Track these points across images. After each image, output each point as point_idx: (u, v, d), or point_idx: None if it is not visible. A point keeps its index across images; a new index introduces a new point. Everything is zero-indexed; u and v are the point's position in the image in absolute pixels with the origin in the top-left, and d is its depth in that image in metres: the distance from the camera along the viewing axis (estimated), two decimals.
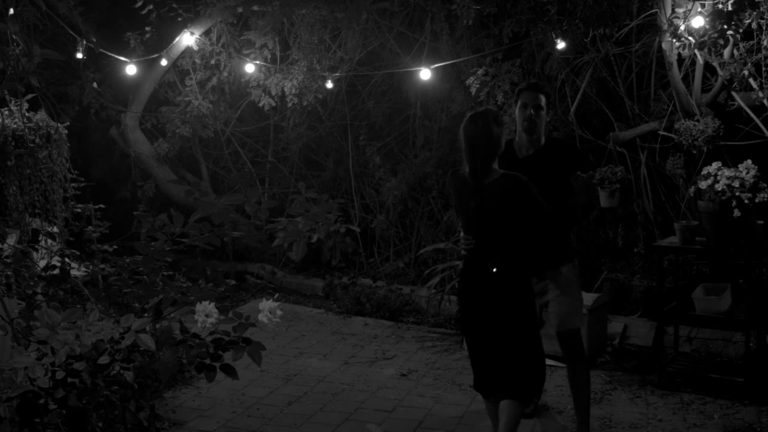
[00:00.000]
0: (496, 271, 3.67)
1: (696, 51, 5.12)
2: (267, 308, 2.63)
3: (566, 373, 5.22)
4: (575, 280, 4.15)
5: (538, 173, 3.85)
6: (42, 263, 3.48)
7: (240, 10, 6.97)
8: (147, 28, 7.07)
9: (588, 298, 5.51)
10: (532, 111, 3.99)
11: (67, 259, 3.72)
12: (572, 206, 3.90)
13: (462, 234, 3.82)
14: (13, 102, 4.98)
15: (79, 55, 6.21)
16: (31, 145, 4.92)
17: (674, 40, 5.09)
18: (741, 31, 4.90)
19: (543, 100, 4.04)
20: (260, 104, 7.28)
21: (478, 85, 6.55)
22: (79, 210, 5.13)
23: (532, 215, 3.67)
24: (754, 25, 4.83)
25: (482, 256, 3.71)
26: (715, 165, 4.68)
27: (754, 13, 4.77)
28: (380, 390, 4.96)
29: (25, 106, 4.92)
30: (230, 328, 2.67)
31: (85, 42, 5.69)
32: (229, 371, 2.67)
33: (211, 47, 7.16)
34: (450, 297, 6.07)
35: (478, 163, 3.64)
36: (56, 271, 3.25)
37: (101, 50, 6.33)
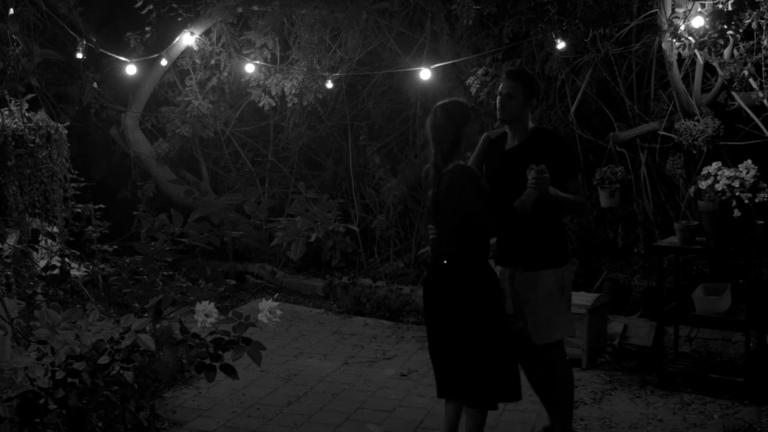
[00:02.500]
0: (447, 263, 3.62)
1: (696, 51, 5.12)
2: (267, 308, 2.63)
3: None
4: (559, 289, 3.84)
5: (520, 166, 3.73)
6: (42, 263, 3.47)
7: (240, 10, 6.97)
8: (147, 28, 7.07)
9: (588, 298, 5.51)
10: (499, 98, 3.90)
11: (67, 259, 3.72)
12: (518, 205, 3.64)
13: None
14: (13, 102, 4.97)
15: (79, 55, 6.20)
16: (31, 145, 4.92)
17: (674, 40, 5.09)
18: (741, 31, 4.90)
19: (516, 88, 3.86)
20: (260, 104, 7.28)
21: (478, 85, 6.55)
22: (79, 210, 5.12)
23: (470, 210, 3.55)
24: (754, 25, 4.83)
25: (439, 248, 3.69)
26: (715, 165, 4.68)
27: (754, 13, 4.77)
28: (380, 390, 4.96)
29: (25, 106, 4.91)
30: (230, 328, 2.67)
31: (85, 42, 5.68)
32: (229, 371, 2.67)
33: (211, 47, 7.16)
34: None
35: (437, 153, 3.63)
36: (56, 271, 3.25)
37: (101, 50, 6.32)
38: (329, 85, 7.05)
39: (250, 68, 7.08)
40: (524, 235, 3.82)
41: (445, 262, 3.63)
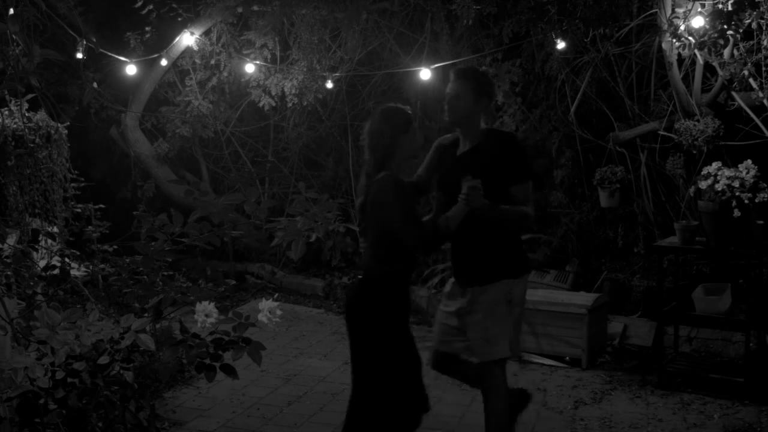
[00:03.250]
0: (361, 278, 3.40)
1: (696, 51, 5.12)
2: (267, 308, 2.63)
3: (565, 373, 5.23)
4: (507, 302, 3.54)
5: (471, 172, 3.44)
6: (42, 263, 3.47)
7: (240, 10, 6.97)
8: (147, 28, 7.07)
9: (588, 298, 5.52)
10: (446, 99, 3.64)
11: (67, 259, 3.72)
12: (443, 221, 3.42)
13: None
14: (13, 102, 4.98)
15: (79, 55, 6.20)
16: (31, 145, 4.92)
17: (674, 40, 5.09)
18: (741, 31, 4.90)
19: (463, 87, 3.58)
20: (260, 104, 7.28)
21: None
22: (79, 210, 5.12)
23: (391, 223, 3.30)
24: (754, 25, 4.83)
25: (360, 261, 3.49)
26: (715, 165, 4.68)
27: (754, 13, 4.77)
28: None
29: (25, 106, 4.91)
30: (230, 328, 2.67)
31: (85, 42, 5.68)
32: (229, 371, 2.67)
33: (211, 47, 7.16)
34: None
35: (370, 160, 3.43)
36: (56, 271, 3.25)
37: (101, 50, 6.32)
38: (329, 85, 7.05)
39: (250, 68, 7.08)
40: (472, 248, 3.59)
41: (360, 277, 3.42)
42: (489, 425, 3.60)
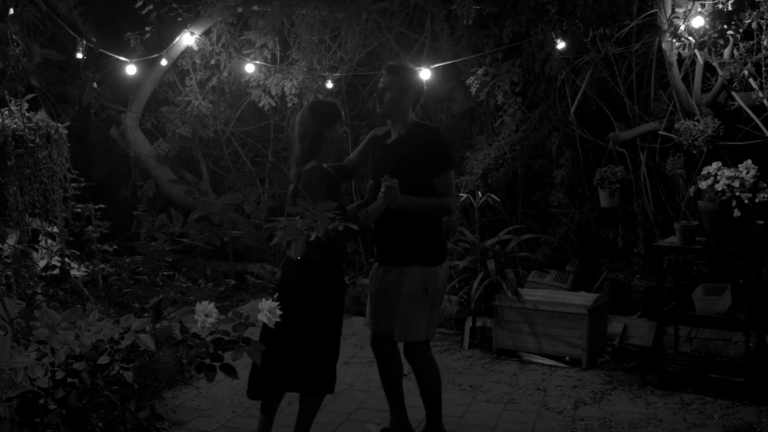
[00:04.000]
0: (295, 262, 3.61)
1: (696, 51, 5.12)
2: (267, 308, 2.62)
3: (565, 373, 5.23)
4: (423, 289, 3.81)
5: (393, 162, 3.79)
6: (42, 263, 3.47)
7: (240, 10, 6.97)
8: (147, 28, 7.06)
9: (588, 298, 5.52)
10: (377, 92, 3.94)
11: (67, 259, 3.72)
12: (362, 215, 3.66)
13: None
14: (13, 102, 4.98)
15: (79, 55, 6.20)
16: (31, 145, 4.92)
17: (674, 40, 5.09)
18: (741, 31, 4.90)
19: (392, 81, 3.86)
20: (260, 104, 7.28)
21: (478, 85, 6.56)
22: (79, 210, 5.12)
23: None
24: (754, 25, 4.83)
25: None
26: (715, 165, 4.68)
27: (754, 13, 4.77)
28: (380, 390, 4.95)
29: (25, 106, 4.91)
30: (230, 327, 2.66)
31: (85, 42, 5.68)
32: (229, 371, 2.67)
33: (211, 47, 7.16)
34: (450, 297, 6.08)
35: (299, 150, 3.71)
36: (56, 271, 3.25)
37: (101, 50, 6.32)
38: (329, 85, 7.05)
39: (250, 68, 7.08)
40: (392, 232, 3.87)
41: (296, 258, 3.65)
42: (424, 396, 4.03)
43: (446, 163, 3.86)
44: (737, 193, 4.50)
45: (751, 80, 5.06)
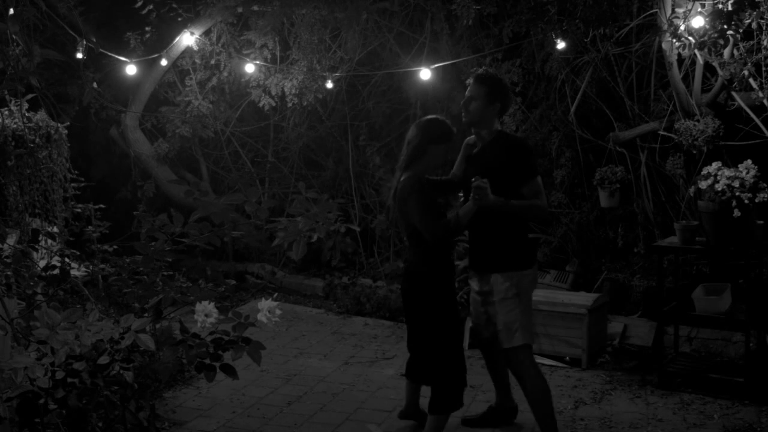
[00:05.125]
0: (405, 267, 3.93)
1: (696, 51, 5.12)
2: (266, 308, 2.63)
3: (565, 373, 5.23)
4: (514, 294, 3.89)
5: (479, 171, 3.82)
6: (42, 263, 3.48)
7: (240, 10, 6.97)
8: (147, 28, 7.07)
9: (588, 298, 5.51)
10: (463, 101, 4.02)
11: (67, 259, 3.73)
12: (453, 218, 3.79)
13: None
14: (13, 102, 4.98)
15: (79, 55, 6.20)
16: (31, 145, 4.92)
17: (674, 40, 5.09)
18: (741, 31, 4.90)
19: (478, 91, 3.95)
20: (260, 104, 7.28)
21: None
22: (79, 210, 5.13)
23: (412, 220, 3.81)
24: (754, 25, 4.83)
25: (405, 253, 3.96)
26: (715, 165, 4.68)
27: (754, 13, 4.77)
28: (380, 390, 4.97)
29: (25, 106, 4.92)
30: (230, 328, 2.67)
31: (85, 42, 5.68)
32: (229, 371, 2.67)
33: (211, 47, 7.16)
34: None
35: (401, 163, 3.97)
36: (56, 271, 3.25)
37: (101, 50, 6.32)
38: (329, 85, 7.05)
39: (250, 68, 7.08)
40: (483, 239, 3.99)
41: (402, 265, 3.94)
42: (531, 405, 3.99)
43: (532, 171, 3.93)
44: (737, 193, 4.50)
45: (751, 80, 5.06)
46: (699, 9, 4.96)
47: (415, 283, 3.89)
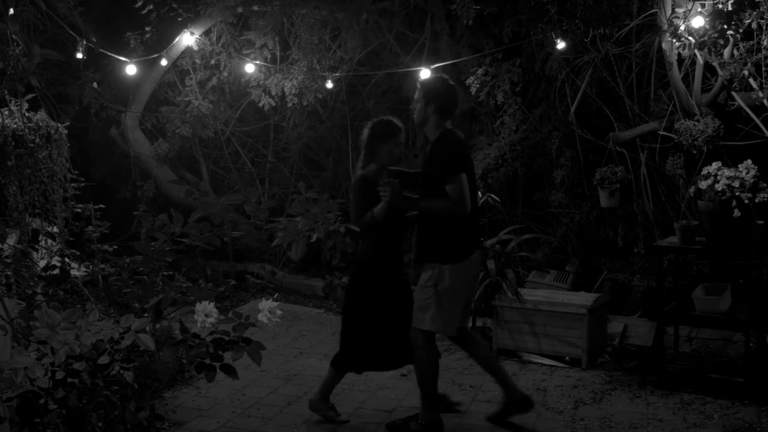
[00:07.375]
0: (353, 257, 4.37)
1: (696, 51, 5.12)
2: (267, 308, 2.62)
3: (565, 373, 5.23)
4: (432, 285, 4.09)
5: (422, 169, 4.19)
6: (42, 263, 3.47)
7: (240, 10, 6.97)
8: (147, 28, 7.07)
9: (588, 298, 5.52)
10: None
11: (67, 259, 3.72)
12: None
13: None
14: (13, 102, 4.97)
15: (79, 55, 6.20)
16: (31, 145, 4.92)
17: (674, 40, 5.09)
18: (741, 31, 4.90)
19: (417, 93, 4.19)
20: (260, 104, 7.28)
21: (478, 85, 6.56)
22: (79, 210, 5.12)
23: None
24: (754, 25, 4.83)
25: None
26: (715, 165, 4.68)
27: (754, 13, 4.77)
28: (380, 390, 4.96)
29: (25, 106, 4.91)
30: (230, 328, 2.66)
31: (85, 42, 5.68)
32: (229, 371, 2.67)
33: (211, 47, 7.16)
34: None
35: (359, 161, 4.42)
36: (56, 271, 3.24)
37: (101, 50, 6.32)
38: (329, 85, 7.05)
39: (250, 68, 7.08)
40: (420, 233, 4.28)
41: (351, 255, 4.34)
42: (418, 381, 4.27)
43: (452, 168, 4.03)
44: (737, 193, 4.50)
45: (751, 80, 5.06)
46: (699, 9, 4.96)
47: (362, 271, 4.38)
